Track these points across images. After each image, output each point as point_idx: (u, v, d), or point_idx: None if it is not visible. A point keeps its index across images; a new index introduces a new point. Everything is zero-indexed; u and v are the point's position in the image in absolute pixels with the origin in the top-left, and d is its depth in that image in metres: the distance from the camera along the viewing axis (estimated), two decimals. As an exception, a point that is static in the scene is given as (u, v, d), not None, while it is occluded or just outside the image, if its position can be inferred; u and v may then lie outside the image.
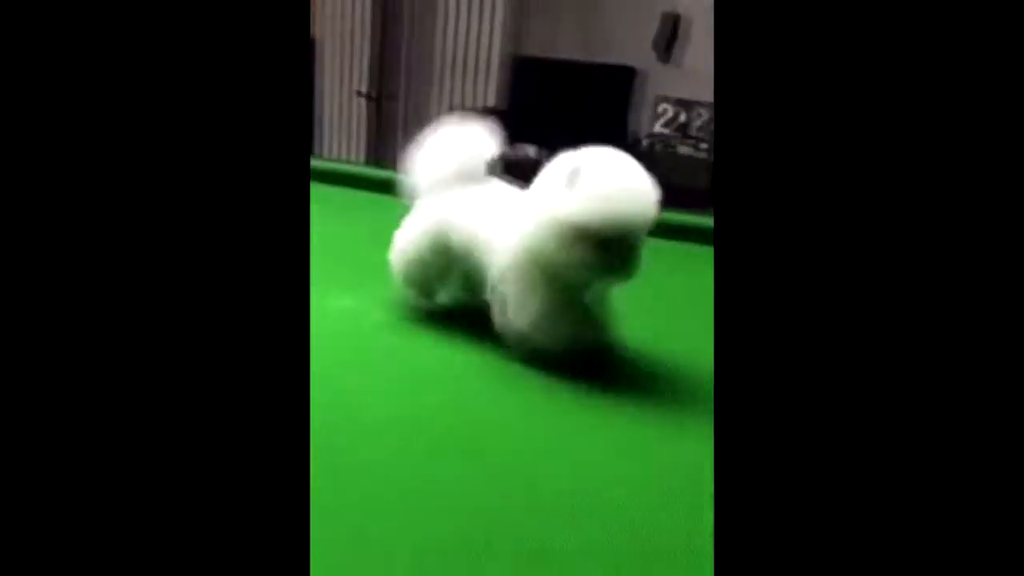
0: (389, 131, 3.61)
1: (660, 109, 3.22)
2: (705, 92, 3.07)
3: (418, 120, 3.57)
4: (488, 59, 3.42)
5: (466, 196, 0.81)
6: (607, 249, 0.67)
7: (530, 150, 3.09)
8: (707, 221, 1.29)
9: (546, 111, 3.17)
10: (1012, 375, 0.34)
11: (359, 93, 3.48)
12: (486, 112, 3.21)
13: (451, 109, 3.30)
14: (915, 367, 0.35)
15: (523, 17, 3.38)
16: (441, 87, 3.49)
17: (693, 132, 3.15)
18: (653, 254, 0.72)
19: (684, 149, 3.10)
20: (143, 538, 0.35)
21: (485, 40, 3.42)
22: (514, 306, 0.74)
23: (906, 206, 0.36)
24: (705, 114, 3.13)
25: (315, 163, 1.50)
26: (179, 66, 0.37)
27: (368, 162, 3.47)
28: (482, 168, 0.84)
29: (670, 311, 0.98)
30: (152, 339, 0.36)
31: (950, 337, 0.35)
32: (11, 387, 0.35)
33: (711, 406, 0.63)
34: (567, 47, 3.33)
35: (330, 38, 3.59)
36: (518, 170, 0.86)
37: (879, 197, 0.36)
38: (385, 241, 0.87)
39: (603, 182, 0.67)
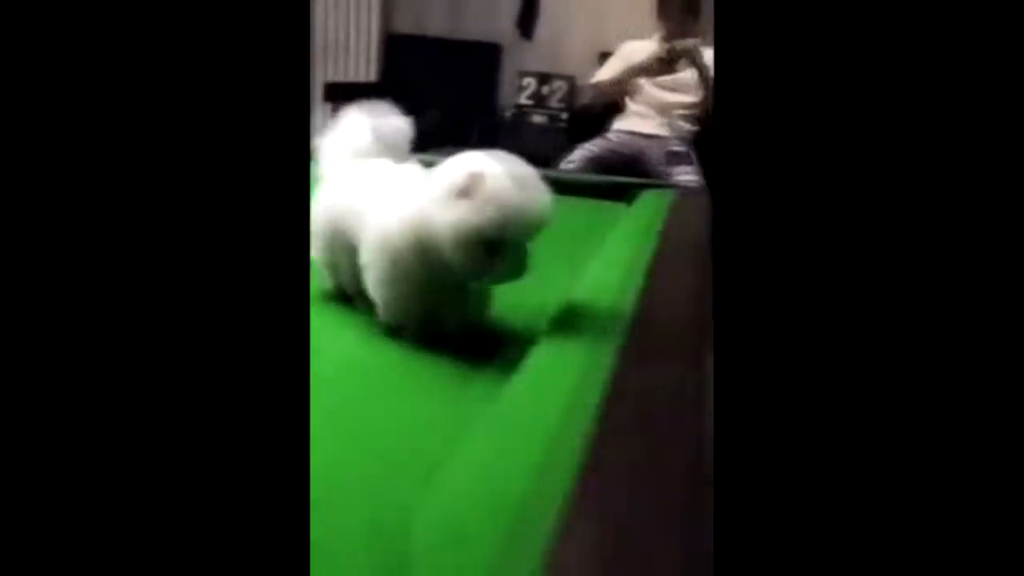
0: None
1: (524, 83, 3.63)
2: (562, 65, 3.53)
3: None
4: (368, 37, 3.72)
5: (359, 175, 0.82)
6: (501, 253, 0.67)
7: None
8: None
9: (419, 86, 3.51)
10: (1008, 370, 0.34)
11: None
12: (361, 87, 3.52)
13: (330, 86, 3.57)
14: (913, 364, 0.35)
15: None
16: (325, 66, 3.76)
17: (552, 104, 3.59)
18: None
19: (539, 119, 3.55)
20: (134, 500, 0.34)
21: (364, 19, 3.71)
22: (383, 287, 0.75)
23: (907, 206, 0.36)
24: (563, 86, 3.57)
25: None
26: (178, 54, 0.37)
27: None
28: (396, 145, 0.87)
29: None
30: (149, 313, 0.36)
31: (945, 334, 0.35)
32: (11, 386, 0.34)
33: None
34: (436, 26, 3.70)
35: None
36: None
37: (877, 198, 0.36)
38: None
39: (500, 190, 0.66)
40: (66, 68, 0.36)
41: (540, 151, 1.91)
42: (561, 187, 0.85)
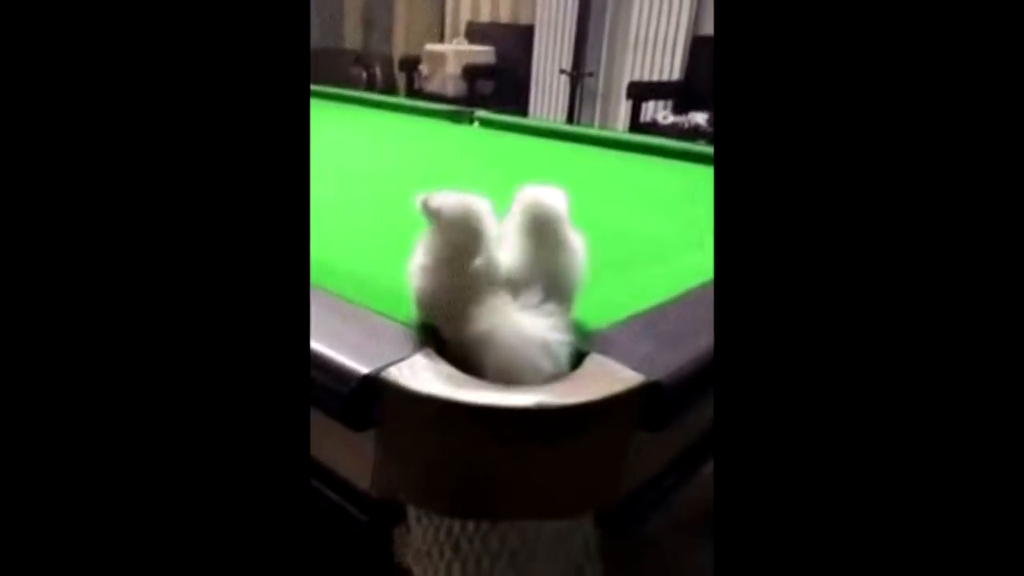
0: (587, 102, 4.25)
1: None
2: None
3: (609, 92, 4.18)
4: (675, 37, 3.92)
5: None
6: None
7: (700, 118, 3.55)
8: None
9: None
10: (1003, 359, 0.33)
11: (562, 71, 4.16)
12: (663, 86, 3.74)
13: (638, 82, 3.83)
14: (911, 362, 0.35)
15: (704, 1, 3.84)
16: (633, 63, 4.05)
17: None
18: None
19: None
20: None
21: (674, 20, 3.92)
22: None
23: (907, 207, 0.36)
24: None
25: (523, 120, 2.23)
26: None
27: (566, 128, 4.13)
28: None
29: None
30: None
31: (944, 332, 0.34)
32: (11, 385, 0.35)
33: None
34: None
35: (540, 25, 4.32)
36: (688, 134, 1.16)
37: (877, 198, 0.36)
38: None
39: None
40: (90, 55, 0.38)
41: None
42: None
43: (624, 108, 3.99)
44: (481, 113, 2.33)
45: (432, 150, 1.90)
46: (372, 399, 0.57)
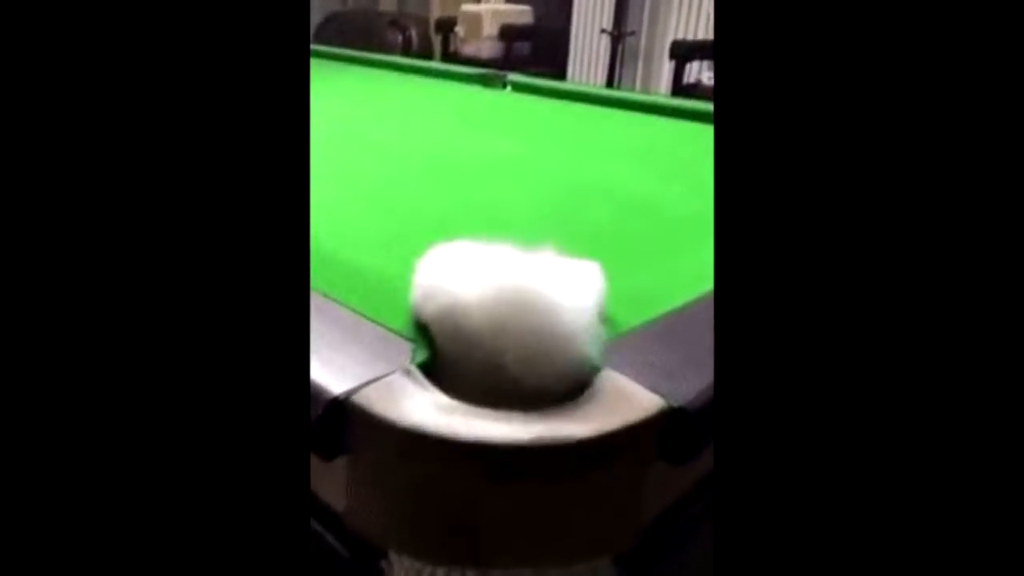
0: (628, 63, 4.07)
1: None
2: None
3: (652, 53, 3.99)
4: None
5: None
6: None
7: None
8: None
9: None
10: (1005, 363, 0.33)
11: (603, 30, 3.98)
12: (710, 43, 3.55)
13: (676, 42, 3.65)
14: (910, 360, 0.34)
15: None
16: (677, 21, 3.86)
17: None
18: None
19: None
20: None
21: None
22: None
23: (907, 208, 0.35)
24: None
25: (558, 84, 2.11)
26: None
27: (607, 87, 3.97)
28: None
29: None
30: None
31: (945, 332, 0.34)
32: (11, 384, 0.34)
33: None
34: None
35: (582, -18, 4.15)
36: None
37: (877, 199, 0.35)
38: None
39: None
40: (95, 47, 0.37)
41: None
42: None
43: (667, 69, 3.81)
44: (514, 77, 2.21)
45: (454, 119, 1.77)
46: (342, 424, 0.48)
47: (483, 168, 1.27)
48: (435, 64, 2.78)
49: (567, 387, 0.50)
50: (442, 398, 0.49)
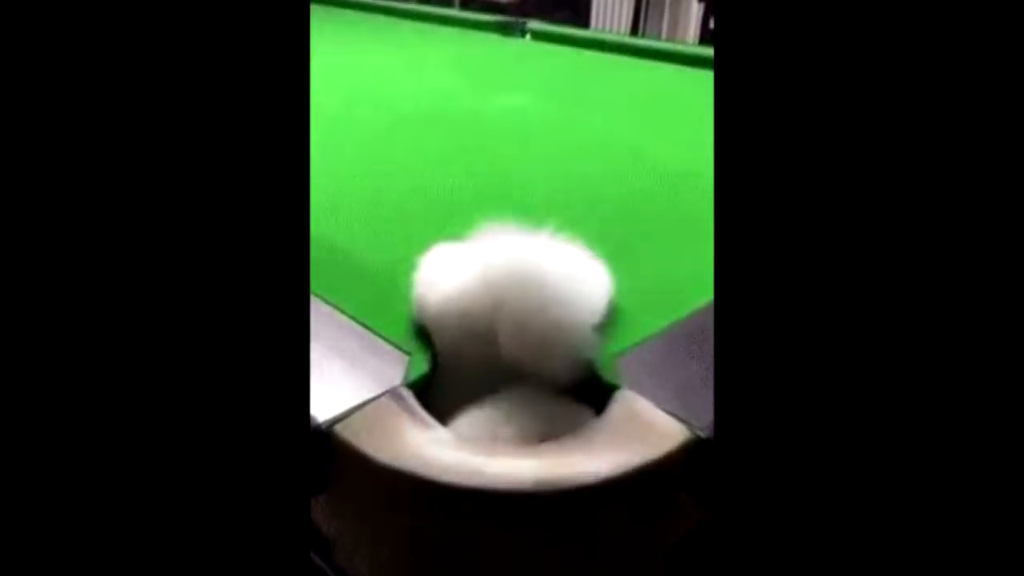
0: (654, 9, 3.91)
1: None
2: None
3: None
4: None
5: None
6: None
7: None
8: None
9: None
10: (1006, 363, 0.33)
11: (629, -29, 3.82)
12: None
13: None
14: (909, 360, 0.34)
15: None
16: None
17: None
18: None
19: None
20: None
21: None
22: None
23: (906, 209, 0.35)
24: None
25: (580, 32, 2.00)
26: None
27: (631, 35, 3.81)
28: None
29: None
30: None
31: (946, 332, 0.34)
32: (11, 383, 0.34)
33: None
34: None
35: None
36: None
37: (877, 200, 0.35)
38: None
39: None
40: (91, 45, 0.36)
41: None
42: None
43: (695, 14, 3.65)
44: (534, 24, 2.11)
45: (468, 72, 1.67)
46: (324, 458, 0.43)
47: (501, 132, 1.19)
48: (452, 11, 2.66)
49: (566, 373, 0.49)
50: (438, 431, 0.43)
